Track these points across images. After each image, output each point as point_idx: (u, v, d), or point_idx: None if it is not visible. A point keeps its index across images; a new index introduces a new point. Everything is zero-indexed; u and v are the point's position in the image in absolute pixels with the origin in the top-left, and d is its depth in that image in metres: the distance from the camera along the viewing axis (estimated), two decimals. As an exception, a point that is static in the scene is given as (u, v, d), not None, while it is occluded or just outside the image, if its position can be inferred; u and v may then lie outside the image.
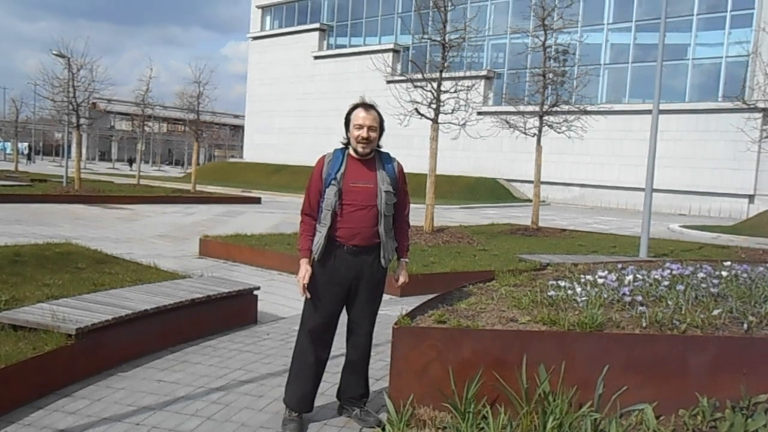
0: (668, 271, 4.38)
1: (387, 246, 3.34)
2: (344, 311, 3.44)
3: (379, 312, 3.48)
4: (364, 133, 3.25)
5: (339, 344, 3.57)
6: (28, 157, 59.38)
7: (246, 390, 3.85)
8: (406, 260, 3.55)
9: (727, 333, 3.18)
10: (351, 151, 3.33)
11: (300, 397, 3.36)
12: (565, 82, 14.71)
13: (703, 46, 29.61)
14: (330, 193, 3.24)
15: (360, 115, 3.27)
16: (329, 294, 3.31)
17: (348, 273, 3.29)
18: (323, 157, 3.37)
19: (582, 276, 4.34)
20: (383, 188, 3.29)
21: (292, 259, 7.73)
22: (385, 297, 5.75)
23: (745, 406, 2.94)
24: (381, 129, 3.34)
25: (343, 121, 3.38)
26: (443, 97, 12.03)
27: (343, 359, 3.54)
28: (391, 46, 38.75)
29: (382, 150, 3.42)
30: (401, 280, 3.52)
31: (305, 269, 3.28)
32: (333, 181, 3.24)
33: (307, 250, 3.31)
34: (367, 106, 3.31)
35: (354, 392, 3.47)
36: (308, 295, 3.29)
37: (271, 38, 46.43)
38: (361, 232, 3.27)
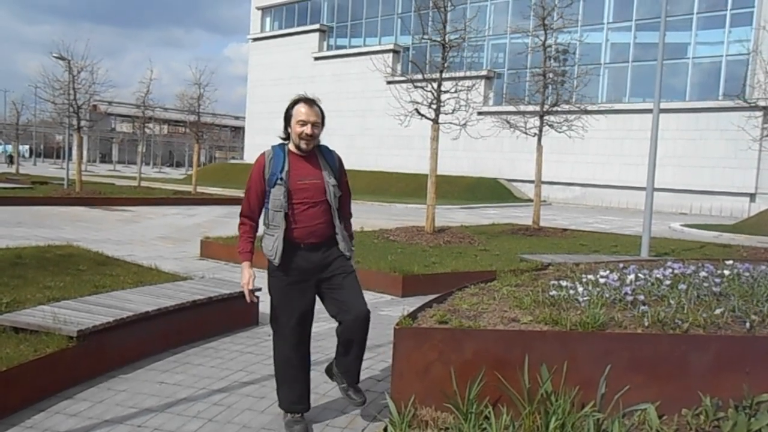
0: (670, 270, 4.36)
1: (341, 235, 3.30)
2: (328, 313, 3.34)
3: (381, 312, 3.46)
4: (308, 129, 3.17)
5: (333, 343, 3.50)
6: (11, 160, 48.95)
7: (248, 391, 3.84)
8: (353, 249, 3.47)
9: (730, 332, 3.17)
10: (292, 147, 3.26)
11: (299, 398, 3.33)
12: (565, 81, 14.70)
13: (703, 44, 29.61)
14: (278, 194, 3.15)
15: (302, 111, 3.18)
16: (297, 295, 3.24)
17: (310, 270, 3.23)
18: (262, 156, 3.24)
19: (584, 276, 4.33)
20: (330, 182, 3.24)
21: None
22: (386, 297, 5.67)
23: (748, 406, 2.92)
24: (323, 124, 3.28)
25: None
26: (443, 97, 12.02)
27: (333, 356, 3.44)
28: (391, 46, 38.75)
29: (321, 143, 3.34)
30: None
31: (249, 273, 3.20)
32: (279, 181, 3.16)
33: (248, 253, 3.24)
34: (310, 102, 3.22)
35: (349, 365, 3.33)
36: (255, 300, 3.18)
37: (271, 39, 46.44)
38: (317, 229, 3.22)
